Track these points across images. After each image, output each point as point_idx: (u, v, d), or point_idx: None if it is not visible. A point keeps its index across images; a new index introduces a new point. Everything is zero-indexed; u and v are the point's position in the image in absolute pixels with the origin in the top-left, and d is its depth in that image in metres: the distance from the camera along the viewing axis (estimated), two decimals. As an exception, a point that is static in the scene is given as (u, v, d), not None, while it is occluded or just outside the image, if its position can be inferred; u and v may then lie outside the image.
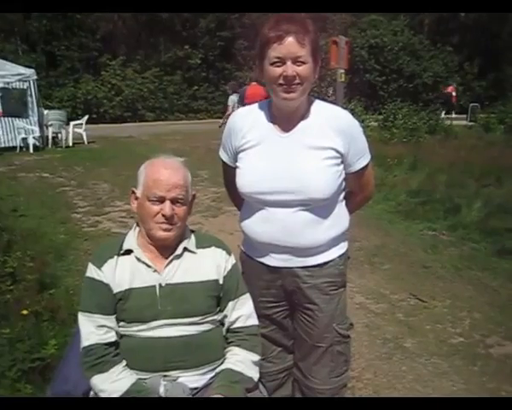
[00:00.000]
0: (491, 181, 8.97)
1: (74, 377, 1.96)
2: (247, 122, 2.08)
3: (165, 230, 1.86)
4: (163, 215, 1.85)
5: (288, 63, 1.87)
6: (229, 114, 11.23)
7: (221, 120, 13.06)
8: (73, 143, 15.67)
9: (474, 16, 39.49)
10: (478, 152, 11.88)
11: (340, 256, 2.13)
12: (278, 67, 1.88)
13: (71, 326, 3.39)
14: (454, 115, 24.56)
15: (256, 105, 2.14)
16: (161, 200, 1.85)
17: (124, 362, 1.84)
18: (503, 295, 4.74)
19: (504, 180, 8.92)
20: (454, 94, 27.04)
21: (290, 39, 1.85)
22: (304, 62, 1.88)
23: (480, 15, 38.80)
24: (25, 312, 3.57)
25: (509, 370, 3.51)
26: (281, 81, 1.89)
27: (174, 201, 1.86)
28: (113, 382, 1.79)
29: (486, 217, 7.00)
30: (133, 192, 1.96)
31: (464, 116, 24.95)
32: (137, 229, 1.97)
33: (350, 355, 2.28)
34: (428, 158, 11.00)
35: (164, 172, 1.87)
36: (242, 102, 11.57)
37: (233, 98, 12.55)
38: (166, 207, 1.84)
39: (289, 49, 1.86)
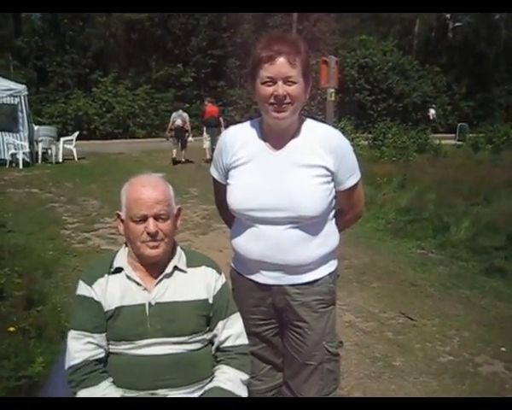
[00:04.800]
0: (479, 200, 9.05)
1: (61, 395, 1.94)
2: (238, 140, 2.09)
3: (153, 247, 1.86)
4: (148, 233, 1.84)
5: (279, 83, 1.90)
6: (171, 128, 15.77)
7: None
8: (63, 159, 15.63)
9: (461, 37, 40.10)
10: (466, 171, 12.00)
11: (329, 274, 2.13)
12: (269, 86, 1.91)
13: (58, 344, 3.36)
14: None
15: (248, 123, 2.16)
16: (144, 218, 1.85)
17: (110, 378, 1.83)
18: (491, 314, 4.76)
19: (492, 199, 9.01)
20: None
21: (281, 60, 1.88)
22: (295, 82, 1.91)
23: (467, 37, 39.42)
24: (11, 329, 3.54)
25: (498, 388, 3.52)
26: (272, 100, 1.92)
27: (157, 217, 1.86)
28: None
29: (475, 236, 7.06)
30: (118, 215, 1.96)
31: (453, 135, 25.19)
32: (127, 249, 1.96)
33: (339, 374, 2.27)
34: (417, 177, 11.09)
35: (143, 191, 1.87)
36: (202, 117, 16.37)
37: (173, 115, 15.87)
38: (150, 225, 1.84)
39: (280, 69, 1.89)
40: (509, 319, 4.63)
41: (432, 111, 30.09)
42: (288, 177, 1.99)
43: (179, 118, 15.60)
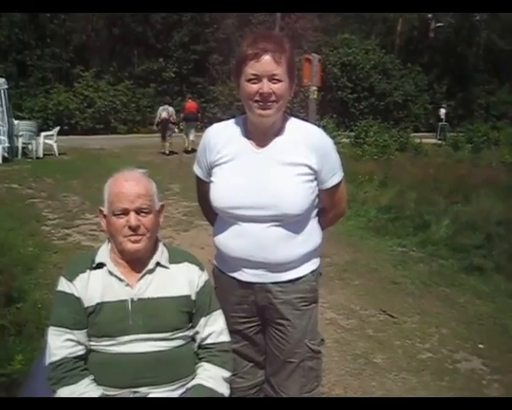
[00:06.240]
0: (459, 199, 9.15)
1: (41, 393, 1.92)
2: (222, 137, 2.09)
3: (134, 241, 1.86)
4: (129, 227, 1.84)
5: (264, 80, 1.90)
6: (158, 122, 17.07)
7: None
8: (44, 155, 15.42)
9: (442, 38, 40.44)
10: (447, 170, 12.11)
11: (312, 272, 2.14)
12: (254, 83, 1.92)
13: (38, 341, 3.33)
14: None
15: (232, 121, 2.16)
16: (126, 212, 1.85)
17: (91, 376, 1.82)
18: (470, 312, 4.82)
19: (472, 198, 9.11)
20: None
21: (267, 57, 1.89)
22: (280, 80, 1.92)
23: (449, 37, 39.79)
24: (-10, 326, 3.50)
25: (476, 385, 3.57)
26: (257, 98, 1.92)
27: (138, 211, 1.86)
28: (79, 395, 1.77)
29: (454, 234, 7.13)
30: (101, 211, 1.95)
31: (433, 134, 25.43)
32: (110, 245, 1.95)
33: (321, 371, 2.28)
34: (399, 175, 11.16)
35: (125, 185, 1.88)
36: (183, 112, 17.80)
37: (160, 109, 17.09)
38: (131, 218, 1.84)
39: (265, 67, 1.90)
40: (487, 317, 4.70)
41: (442, 111, 30.32)
42: (271, 175, 2.00)
43: (165, 111, 16.74)
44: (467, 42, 39.72)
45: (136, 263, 1.91)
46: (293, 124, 2.10)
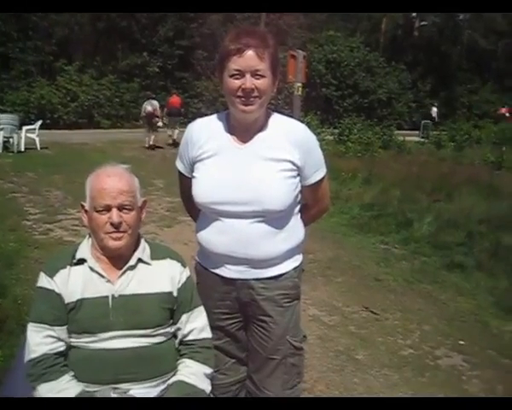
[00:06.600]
0: (441, 196, 9.24)
1: (21, 390, 1.90)
2: (204, 133, 2.08)
3: (116, 238, 1.84)
4: (111, 224, 1.82)
5: (247, 76, 1.90)
6: (143, 115, 17.16)
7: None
8: (25, 149, 15.21)
9: (426, 36, 40.71)
10: (429, 168, 12.21)
11: (294, 269, 2.14)
12: (237, 79, 1.91)
13: (19, 337, 3.28)
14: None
15: (215, 116, 2.15)
16: (108, 208, 1.83)
17: (71, 372, 1.81)
18: (451, 308, 4.88)
19: (454, 196, 9.20)
20: (508, 115, 27.39)
21: (250, 53, 1.88)
22: (262, 76, 1.91)
23: (432, 36, 40.07)
24: (-30, 322, 3.45)
25: (456, 380, 3.61)
26: (239, 93, 1.91)
27: (121, 207, 1.84)
28: (59, 392, 1.75)
29: (437, 231, 7.20)
30: (82, 206, 1.93)
31: (416, 132, 25.61)
32: (90, 240, 1.93)
33: (303, 368, 2.29)
34: (382, 173, 11.23)
35: (107, 181, 1.85)
36: (168, 107, 18.11)
37: (145, 103, 17.29)
38: (113, 215, 1.82)
39: (248, 62, 1.89)
40: (468, 314, 4.76)
41: (434, 109, 30.46)
42: (253, 170, 1.99)
43: (149, 105, 16.89)
44: (450, 41, 40.04)
45: (118, 259, 1.89)
46: (277, 120, 2.10)
